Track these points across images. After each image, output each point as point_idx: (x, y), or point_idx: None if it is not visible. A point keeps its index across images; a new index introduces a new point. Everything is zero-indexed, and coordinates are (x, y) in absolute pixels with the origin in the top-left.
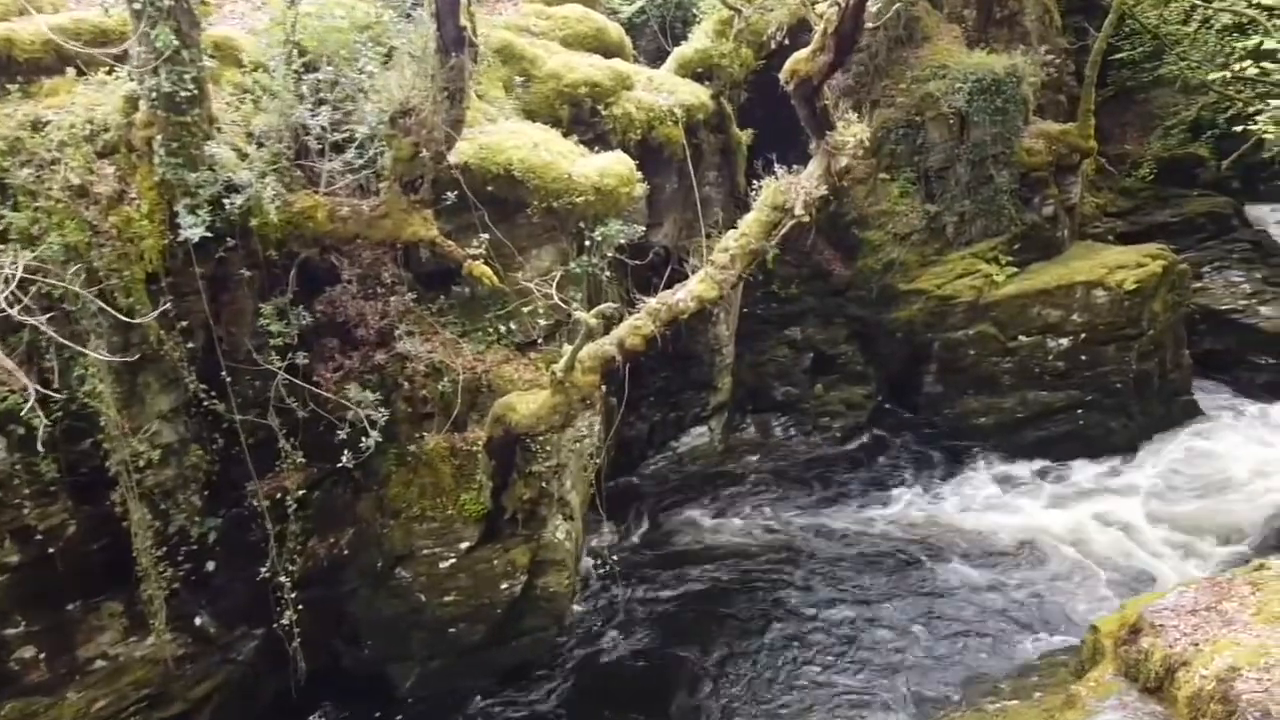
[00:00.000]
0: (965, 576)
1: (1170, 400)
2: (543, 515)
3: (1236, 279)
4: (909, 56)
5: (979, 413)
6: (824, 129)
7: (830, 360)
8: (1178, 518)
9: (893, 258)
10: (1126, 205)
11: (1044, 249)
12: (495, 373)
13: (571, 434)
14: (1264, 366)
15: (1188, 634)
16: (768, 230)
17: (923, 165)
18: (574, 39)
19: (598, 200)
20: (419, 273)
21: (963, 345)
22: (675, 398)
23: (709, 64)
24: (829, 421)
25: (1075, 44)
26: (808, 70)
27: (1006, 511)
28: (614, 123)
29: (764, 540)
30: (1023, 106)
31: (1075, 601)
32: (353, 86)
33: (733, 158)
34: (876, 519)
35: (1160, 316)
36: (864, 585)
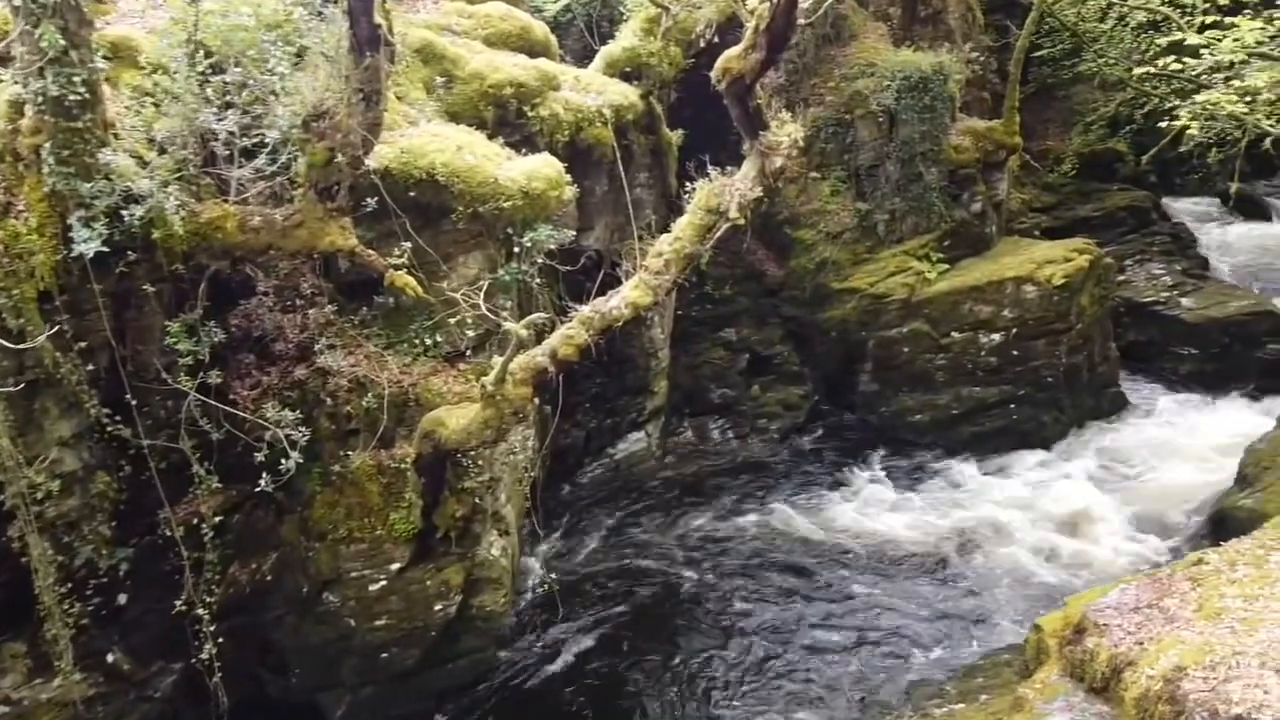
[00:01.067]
0: (905, 578)
1: (1099, 392)
2: (477, 532)
3: (1158, 271)
4: (837, 55)
5: (915, 410)
6: (757, 129)
7: (766, 361)
8: (1110, 510)
9: (825, 257)
10: (1051, 200)
11: (973, 245)
12: (423, 386)
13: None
14: (1186, 357)
15: (1132, 633)
16: (702, 233)
17: (853, 163)
18: (498, 38)
19: (526, 204)
20: (340, 283)
21: (897, 343)
22: (611, 403)
23: (637, 63)
24: (766, 423)
25: (998, 42)
26: (740, 68)
27: (944, 509)
28: (541, 124)
29: (703, 548)
30: (950, 104)
31: (1015, 599)
32: (262, 88)
33: (664, 159)
34: (814, 523)
35: (1088, 310)
36: (804, 592)
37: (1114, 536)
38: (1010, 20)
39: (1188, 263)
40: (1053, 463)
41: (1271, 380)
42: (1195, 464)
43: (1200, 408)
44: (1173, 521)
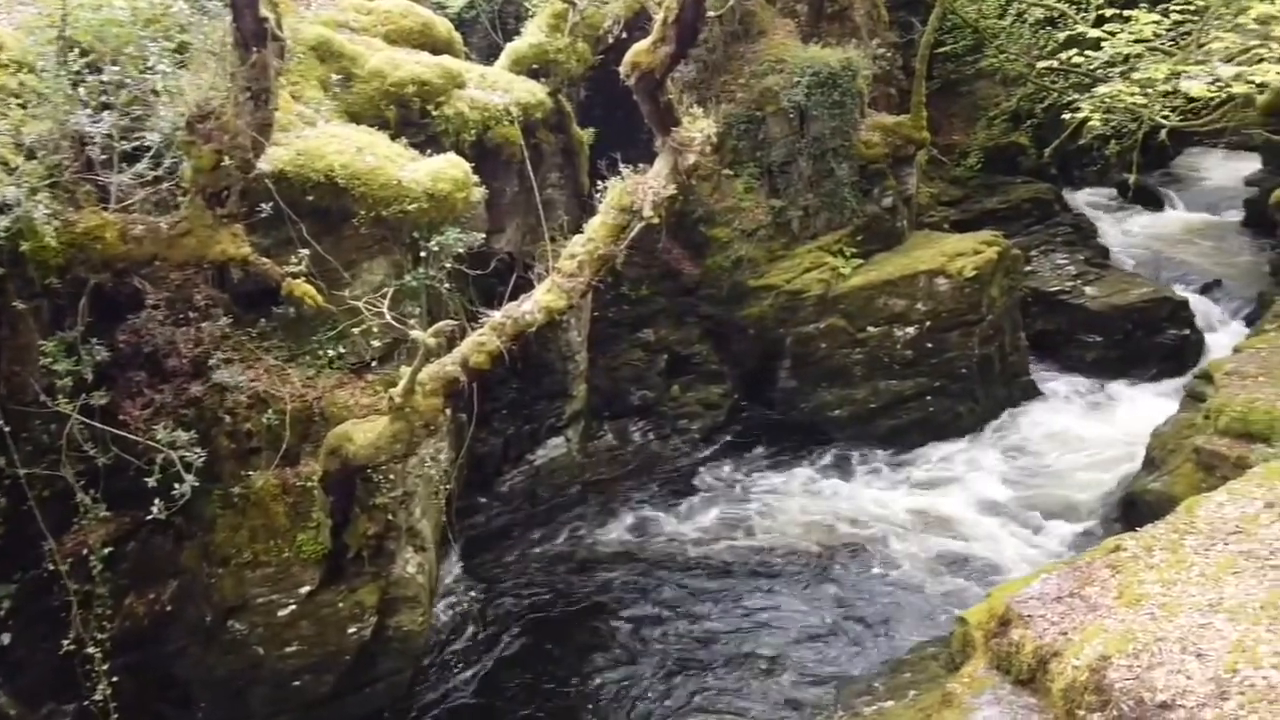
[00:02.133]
0: (827, 574)
1: (1011, 382)
2: (391, 550)
3: (1062, 261)
4: (746, 52)
5: (833, 405)
6: (669, 125)
7: (685, 361)
8: (1027, 498)
9: (741, 254)
10: (958, 194)
11: (886, 239)
12: (328, 400)
13: (418, 459)
14: (1092, 344)
15: (1055, 623)
16: (616, 234)
17: (765, 160)
18: (398, 35)
19: (431, 207)
20: (237, 293)
21: (814, 339)
22: (529, 409)
23: (544, 60)
24: (687, 423)
25: (903, 38)
26: (649, 63)
27: (864, 504)
28: (446, 123)
29: (624, 553)
30: (858, 100)
31: (939, 591)
32: (142, 88)
33: (575, 158)
34: (737, 522)
35: (998, 301)
36: (727, 593)
37: (1030, 524)
38: (914, 17)
39: (1090, 252)
40: (969, 453)
41: (1172, 364)
42: (1104, 449)
43: (1107, 393)
44: (1086, 506)
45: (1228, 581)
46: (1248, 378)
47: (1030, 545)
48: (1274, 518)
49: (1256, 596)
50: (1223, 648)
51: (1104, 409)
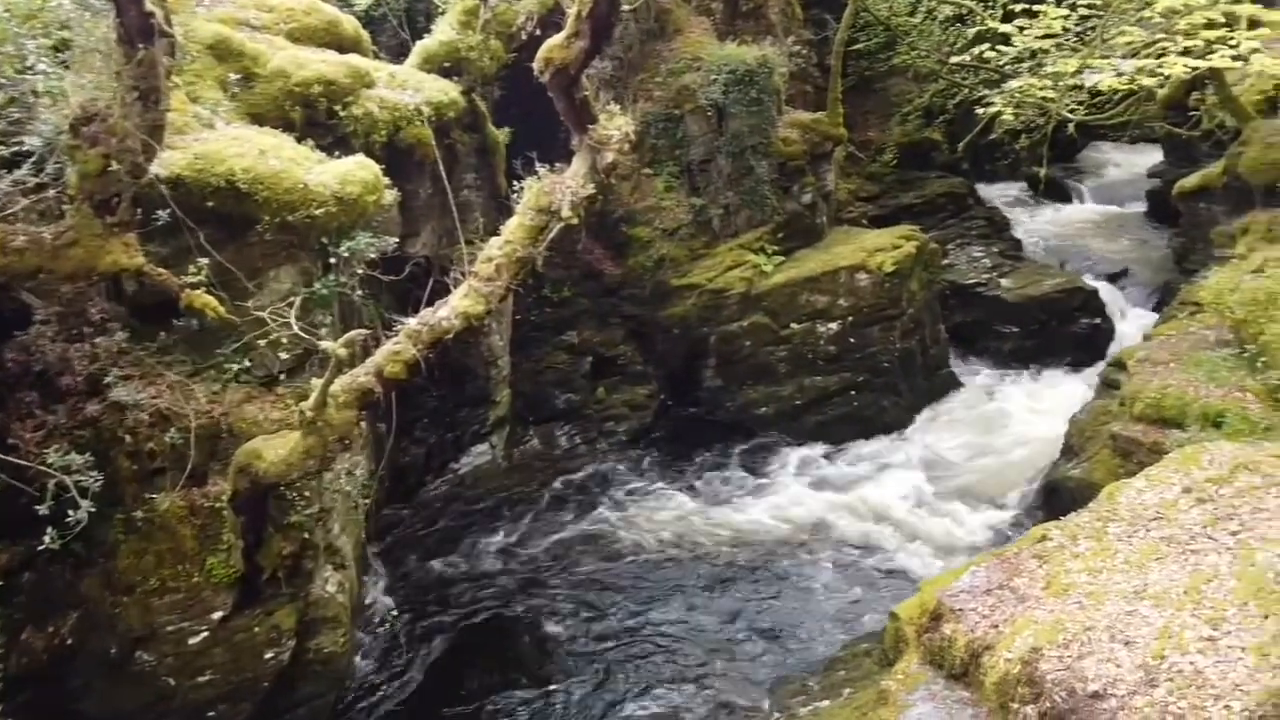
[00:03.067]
0: (757, 574)
1: (932, 374)
2: (309, 569)
3: (977, 254)
4: (662, 50)
5: (759, 403)
6: (586, 122)
7: (610, 362)
8: (952, 489)
9: (663, 254)
10: (875, 190)
11: (806, 236)
12: (236, 415)
13: (335, 473)
14: (1009, 335)
15: (986, 616)
16: (534, 235)
17: (685, 158)
18: (302, 33)
19: (340, 211)
20: (134, 306)
21: (738, 337)
22: (452, 416)
23: (456, 58)
24: (614, 426)
25: (817, 36)
26: (563, 58)
27: (791, 501)
28: (355, 124)
29: (551, 560)
30: (776, 97)
31: (870, 587)
32: (20, 90)
33: (491, 158)
34: (663, 524)
35: (918, 295)
36: (657, 596)
37: (956, 515)
38: (828, 14)
39: (1004, 245)
40: (894, 446)
41: (1085, 353)
42: (1024, 437)
43: (1025, 383)
44: (1009, 495)
45: (1151, 568)
46: (1159, 364)
47: (957, 536)
48: (1192, 503)
49: (1180, 582)
50: (1150, 634)
51: (1023, 398)
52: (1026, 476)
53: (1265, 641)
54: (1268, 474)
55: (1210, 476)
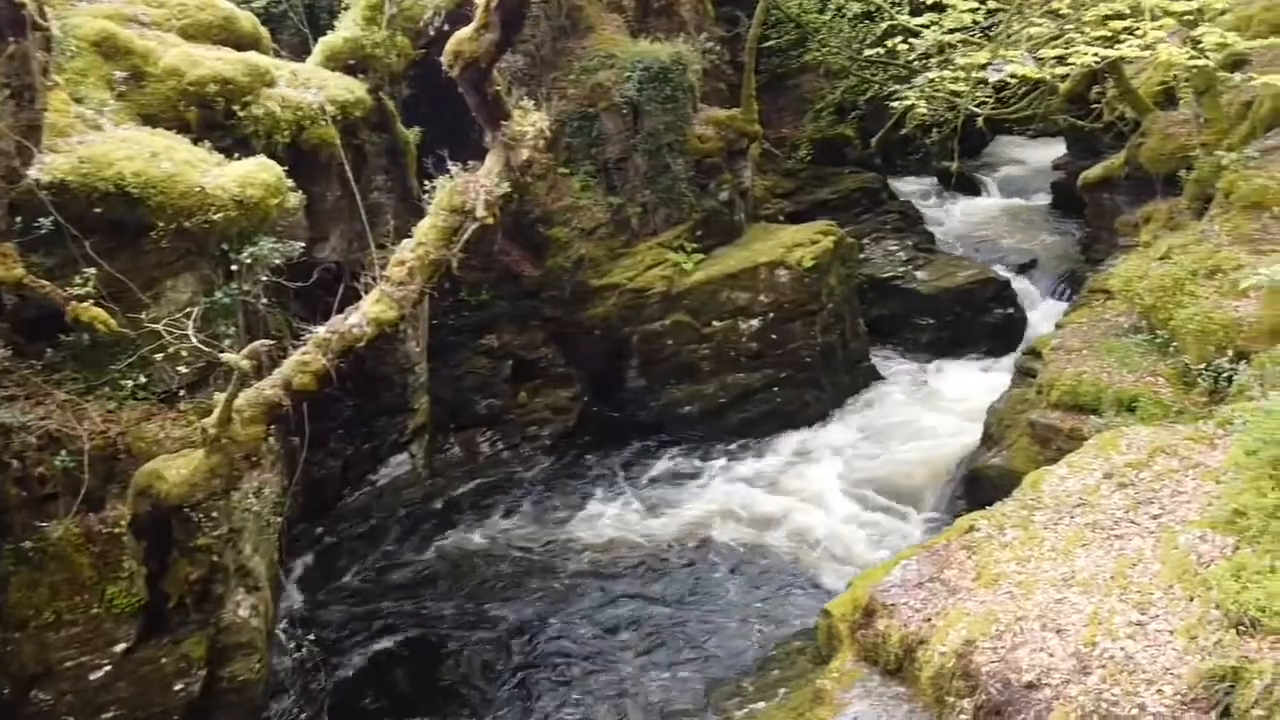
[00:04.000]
0: (686, 575)
1: (853, 368)
2: (219, 593)
3: (893, 248)
4: (575, 47)
5: (683, 402)
6: (498, 118)
7: (531, 365)
8: (877, 481)
9: (582, 254)
10: (790, 186)
11: (725, 233)
12: (134, 434)
13: (244, 491)
14: (925, 327)
15: (919, 610)
16: (448, 237)
17: (601, 157)
18: (196, 29)
19: (241, 215)
20: (17, 321)
21: (660, 336)
22: (368, 426)
23: (362, 55)
24: (537, 430)
25: (730, 32)
26: (473, 51)
27: (719, 500)
28: (255, 125)
29: (473, 572)
30: (690, 94)
31: (799, 583)
32: None
33: (401, 158)
34: (591, 529)
35: (837, 290)
36: (586, 605)
37: (882, 507)
38: (740, 10)
39: (917, 238)
40: (819, 441)
41: (1000, 342)
42: (945, 427)
43: (943, 374)
44: (932, 485)
45: (1078, 555)
46: (1073, 352)
47: (884, 528)
48: (1114, 488)
49: (1106, 568)
50: (1080, 621)
51: (942, 389)
52: (948, 466)
53: (1192, 624)
54: (1184, 457)
55: (1130, 461)
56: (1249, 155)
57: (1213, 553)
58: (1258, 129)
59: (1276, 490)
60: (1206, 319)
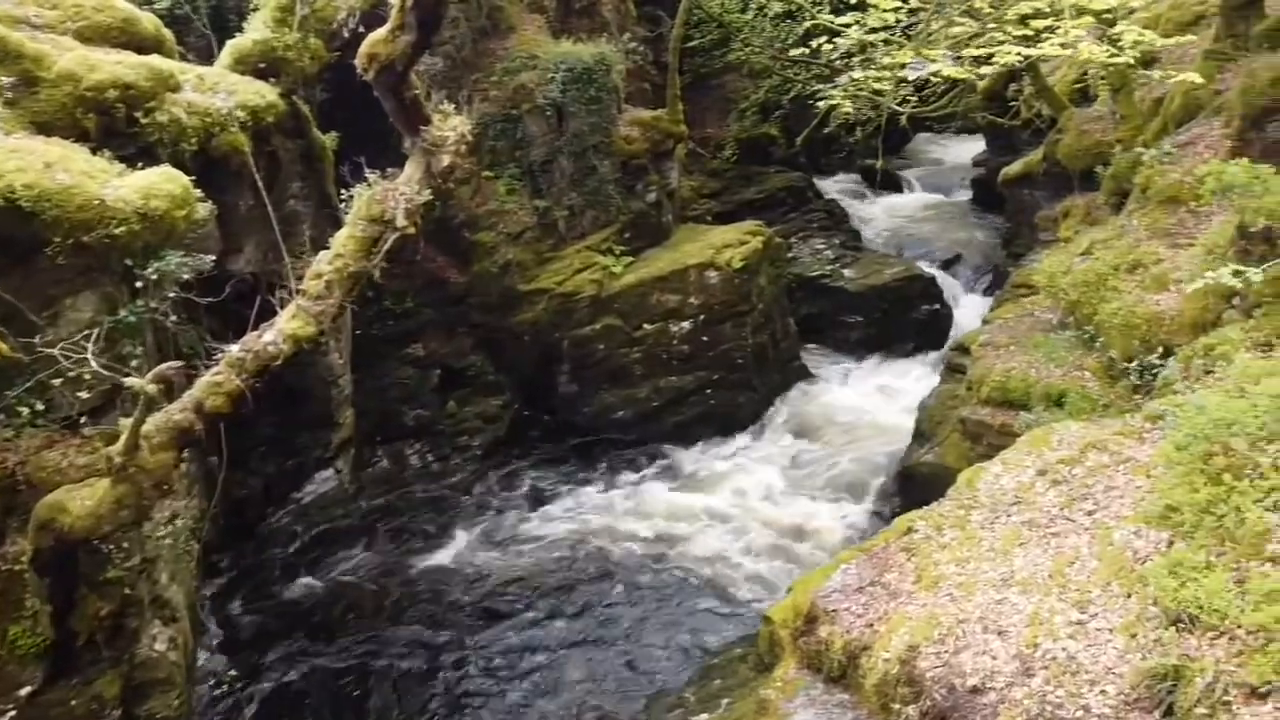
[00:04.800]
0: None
1: (785, 368)
2: (133, 628)
3: (820, 246)
4: (496, 48)
5: (616, 407)
6: (417, 123)
7: (459, 374)
8: (811, 481)
9: (509, 258)
10: (717, 186)
11: (653, 235)
12: (34, 464)
13: (158, 519)
14: (854, 325)
15: (861, 615)
16: (367, 247)
17: (526, 160)
18: (94, 32)
19: (145, 229)
20: None
21: (591, 340)
22: (292, 442)
23: (273, 58)
24: (468, 440)
25: (653, 32)
26: (389, 53)
27: (655, 505)
28: (160, 132)
29: (402, 591)
30: (615, 95)
31: (739, 588)
32: None
33: (318, 165)
34: (520, 541)
35: (766, 290)
36: (517, 621)
37: (817, 508)
38: (662, 10)
39: (844, 236)
40: (753, 442)
41: (927, 338)
42: (876, 425)
43: (872, 371)
44: (866, 484)
45: (1016, 554)
46: (1001, 348)
47: (821, 530)
48: (1048, 485)
49: (1043, 567)
50: (1021, 622)
51: (872, 386)
52: (881, 464)
53: (1131, 621)
54: (1114, 451)
55: (1062, 457)
56: (1170, 152)
57: (1148, 548)
58: (1169, 124)
59: (1208, 485)
60: (1130, 314)
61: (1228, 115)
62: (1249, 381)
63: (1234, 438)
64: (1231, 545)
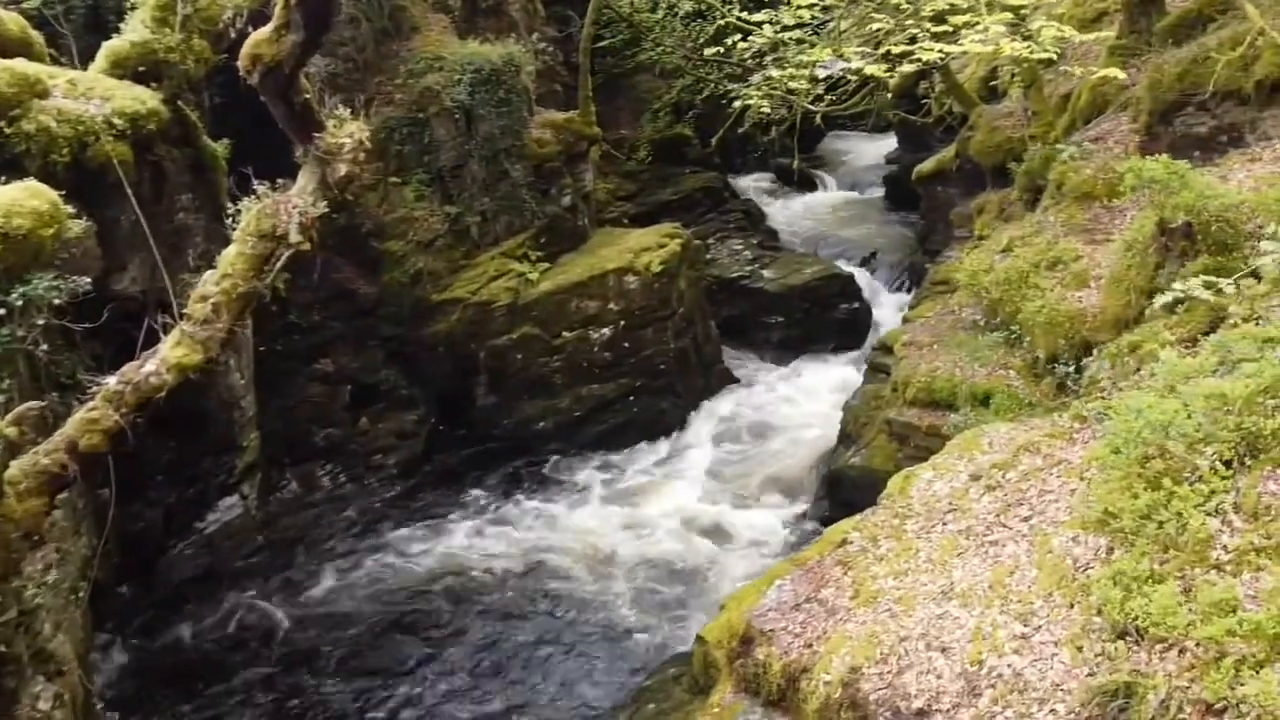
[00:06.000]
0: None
1: (708, 372)
2: (11, 687)
3: (738, 247)
4: (400, 49)
5: (537, 418)
6: (310, 130)
7: (372, 389)
8: (738, 487)
9: (420, 267)
10: (632, 188)
11: (569, 240)
12: None
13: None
14: (775, 325)
15: (799, 634)
16: (258, 265)
17: (435, 165)
18: None
19: (7, 250)
20: None
21: (509, 350)
22: (192, 469)
23: (153, 60)
24: (382, 458)
25: (562, 32)
26: (274, 54)
27: (577, 520)
28: (28, 142)
29: (316, 621)
30: (525, 96)
31: (669, 603)
32: None
33: (210, 175)
34: (440, 563)
35: (687, 293)
36: (440, 647)
37: (745, 515)
38: (571, 10)
39: (761, 236)
40: (677, 449)
41: (848, 337)
42: (801, 427)
43: (795, 372)
44: (794, 488)
45: (954, 565)
46: (924, 347)
47: (750, 537)
48: (982, 491)
49: (983, 577)
50: (964, 638)
51: (795, 387)
52: (807, 466)
53: (1076, 633)
54: (1047, 454)
55: (995, 462)
56: (1084, 148)
57: (1087, 555)
58: (1078, 120)
59: (1149, 491)
60: (1053, 312)
61: (1135, 110)
62: (1178, 380)
63: (1170, 440)
64: (1175, 552)
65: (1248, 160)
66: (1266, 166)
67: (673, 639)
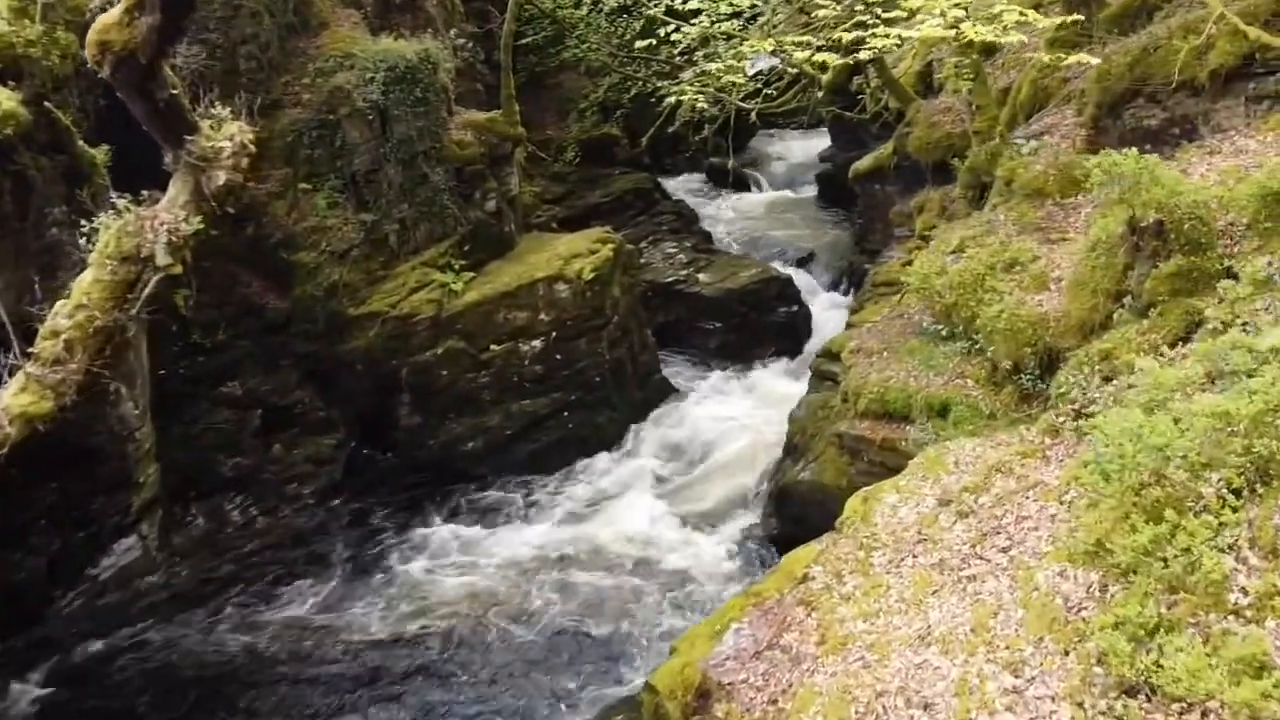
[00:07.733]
0: (482, 648)
1: (645, 382)
2: None
3: (671, 250)
4: (307, 47)
5: (465, 437)
6: (181, 132)
7: (284, 413)
8: (683, 506)
9: (335, 279)
10: (560, 191)
11: (495, 247)
12: None
13: None
14: (713, 331)
15: (761, 688)
16: (120, 294)
17: (348, 170)
18: None
19: None
20: None
21: (433, 366)
22: (81, 509)
23: (11, 56)
24: (297, 487)
25: (482, 29)
26: (125, 41)
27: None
28: None
29: (223, 676)
30: (444, 96)
31: (613, 641)
32: None
33: (88, 185)
34: (362, 604)
35: (621, 301)
36: (363, 698)
37: (691, 535)
38: (491, 6)
39: (695, 239)
40: (617, 466)
41: (788, 341)
42: (745, 438)
43: (735, 379)
44: (739, 504)
45: (930, 604)
46: (873, 354)
47: (697, 558)
48: (953, 518)
49: (964, 619)
50: (948, 691)
51: (736, 395)
52: (754, 480)
53: (1076, 687)
54: (1020, 475)
55: (965, 484)
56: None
57: (1079, 593)
58: (1019, 114)
59: (1150, 525)
60: (1014, 316)
61: (1080, 103)
62: (1163, 394)
63: (1169, 466)
64: (1185, 595)
65: (1206, 153)
66: (1228, 159)
67: (614, 681)
